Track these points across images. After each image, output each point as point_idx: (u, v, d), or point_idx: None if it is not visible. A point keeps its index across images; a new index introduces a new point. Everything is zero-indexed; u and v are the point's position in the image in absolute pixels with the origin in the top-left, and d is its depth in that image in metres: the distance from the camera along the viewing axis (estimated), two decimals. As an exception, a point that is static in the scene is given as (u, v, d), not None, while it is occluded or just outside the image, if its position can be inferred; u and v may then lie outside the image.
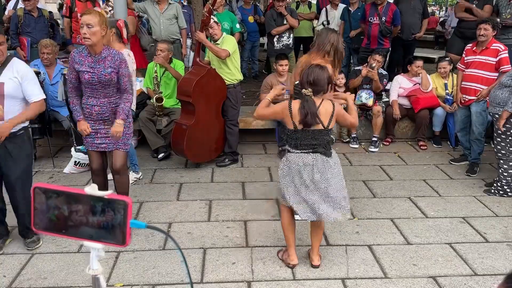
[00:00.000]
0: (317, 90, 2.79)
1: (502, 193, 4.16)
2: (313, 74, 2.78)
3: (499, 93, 4.04)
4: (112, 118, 3.27)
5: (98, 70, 3.12)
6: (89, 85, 3.18)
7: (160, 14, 5.94)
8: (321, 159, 2.81)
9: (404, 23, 6.30)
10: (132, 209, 1.09)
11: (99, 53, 3.13)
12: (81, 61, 3.14)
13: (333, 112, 2.81)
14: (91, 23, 3.01)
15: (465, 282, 2.90)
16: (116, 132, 3.24)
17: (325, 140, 2.83)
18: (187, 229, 3.53)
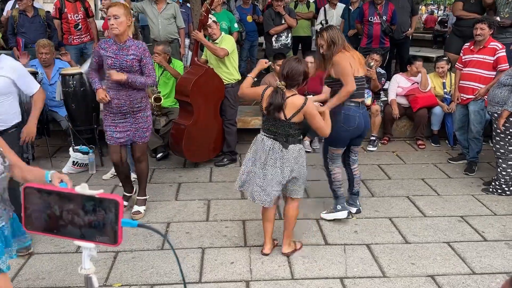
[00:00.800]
0: (291, 84, 2.89)
1: (500, 192, 4.17)
2: (289, 67, 2.86)
3: (498, 92, 4.05)
4: (131, 112, 3.45)
5: (120, 57, 3.33)
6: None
7: (158, 14, 5.94)
8: (278, 147, 2.94)
9: None
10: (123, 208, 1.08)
11: (123, 42, 3.34)
12: (106, 48, 3.37)
13: (301, 107, 2.86)
14: (118, 14, 3.23)
15: (463, 281, 2.90)
16: (111, 74, 3.29)
17: (285, 131, 2.92)
18: (186, 229, 3.53)
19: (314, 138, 5.41)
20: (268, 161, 2.95)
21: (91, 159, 4.62)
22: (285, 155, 2.93)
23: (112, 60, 3.33)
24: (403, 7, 6.41)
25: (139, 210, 3.73)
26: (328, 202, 3.97)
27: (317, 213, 3.77)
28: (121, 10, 3.25)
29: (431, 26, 14.74)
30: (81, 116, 4.74)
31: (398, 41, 6.55)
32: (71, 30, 6.32)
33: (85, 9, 6.42)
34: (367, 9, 6.25)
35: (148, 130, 3.63)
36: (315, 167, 4.79)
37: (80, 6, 6.34)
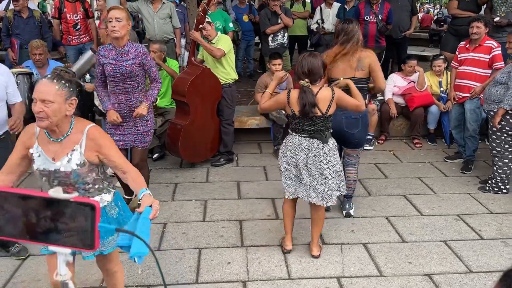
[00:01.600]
0: (314, 79, 2.88)
1: (496, 190, 4.17)
2: (308, 63, 2.85)
3: (494, 90, 4.05)
4: (130, 115, 3.43)
5: (120, 62, 3.29)
6: (111, 78, 3.33)
7: (154, 14, 5.92)
8: (317, 144, 2.91)
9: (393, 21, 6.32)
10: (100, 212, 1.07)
11: (122, 47, 3.30)
12: (105, 54, 3.32)
13: (332, 98, 2.88)
14: (120, 17, 3.20)
15: (460, 280, 2.91)
16: (138, 114, 3.39)
17: (323, 126, 2.92)
18: (182, 229, 3.52)
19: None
20: (309, 159, 2.92)
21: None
22: (326, 149, 2.93)
23: (112, 67, 3.30)
24: (402, 7, 6.41)
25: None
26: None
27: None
28: (123, 14, 3.24)
29: (427, 25, 14.77)
30: (76, 115, 4.71)
31: (396, 40, 6.56)
32: (70, 30, 6.31)
33: (84, 9, 6.40)
34: (363, 8, 6.25)
35: (149, 135, 3.57)
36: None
37: (79, 7, 6.32)
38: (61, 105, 1.93)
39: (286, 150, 3.02)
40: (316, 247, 3.15)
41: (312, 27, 7.40)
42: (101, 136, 2.07)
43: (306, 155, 2.92)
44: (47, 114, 1.90)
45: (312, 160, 2.91)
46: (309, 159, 2.92)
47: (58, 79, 1.94)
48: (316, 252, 3.13)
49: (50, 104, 1.90)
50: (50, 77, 1.94)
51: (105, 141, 2.08)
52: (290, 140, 2.99)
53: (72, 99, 1.98)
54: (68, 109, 1.97)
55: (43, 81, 1.94)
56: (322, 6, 7.26)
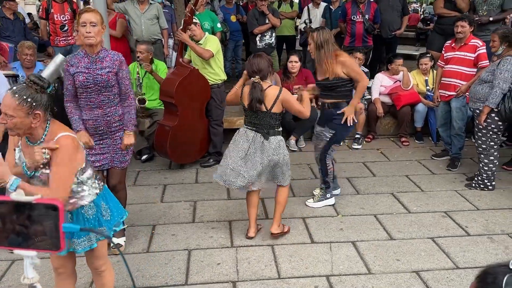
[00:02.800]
0: (264, 75, 3.15)
1: (483, 187, 4.23)
2: (255, 63, 3.14)
3: (479, 89, 4.11)
4: (108, 132, 3.03)
5: (94, 71, 2.90)
6: (84, 89, 2.91)
7: (141, 14, 5.89)
8: (259, 139, 3.18)
9: (383, 21, 6.39)
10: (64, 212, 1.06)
11: (96, 54, 2.93)
12: (76, 63, 2.93)
13: (277, 97, 3.13)
14: (95, 21, 2.84)
15: (447, 276, 2.94)
16: (127, 145, 3.07)
17: (266, 122, 3.17)
18: (172, 231, 3.51)
19: (300, 137, 5.43)
20: (249, 150, 3.19)
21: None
22: (266, 145, 3.17)
23: (85, 76, 2.89)
24: (393, 6, 6.46)
25: (120, 242, 3.23)
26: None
27: (303, 212, 3.79)
28: (98, 17, 2.87)
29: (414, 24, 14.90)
30: (64, 119, 4.64)
31: (387, 39, 6.61)
32: (57, 31, 6.25)
33: (72, 10, 6.34)
34: (349, 8, 6.30)
35: (129, 154, 3.17)
36: (300, 166, 4.82)
37: (67, 7, 6.27)
38: (23, 119, 1.93)
39: (235, 139, 3.30)
40: (275, 224, 3.35)
41: (300, 27, 7.43)
42: (62, 147, 1.99)
43: (248, 146, 3.19)
44: (11, 125, 1.93)
45: (252, 152, 3.18)
46: (250, 151, 3.19)
47: (20, 93, 1.92)
48: (275, 230, 3.34)
49: (11, 118, 1.91)
50: (13, 91, 1.93)
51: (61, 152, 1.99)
52: (240, 131, 3.30)
53: (36, 113, 1.94)
54: (33, 122, 1.95)
55: (7, 93, 1.93)
56: (310, 6, 7.30)
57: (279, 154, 3.20)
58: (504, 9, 5.56)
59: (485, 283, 0.97)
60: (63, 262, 2.29)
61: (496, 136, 4.11)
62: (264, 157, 3.17)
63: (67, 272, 2.33)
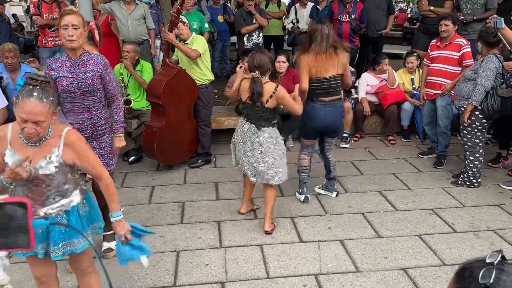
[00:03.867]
0: (263, 71, 3.32)
1: (468, 184, 4.29)
2: (257, 59, 3.33)
3: (464, 87, 4.16)
4: (94, 136, 2.96)
5: (77, 75, 2.81)
6: (68, 93, 2.83)
7: (127, 15, 5.85)
8: (254, 130, 3.35)
9: (369, 20, 6.44)
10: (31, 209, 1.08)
11: (79, 57, 2.83)
12: (58, 67, 2.82)
13: (273, 93, 3.28)
14: (77, 24, 2.73)
15: (434, 273, 2.98)
16: (119, 148, 3.12)
17: (259, 115, 3.33)
18: (160, 232, 3.49)
19: (288, 137, 5.44)
20: (246, 141, 3.39)
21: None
22: (260, 136, 3.33)
23: (68, 81, 2.80)
24: (379, 5, 6.51)
25: (110, 247, 3.19)
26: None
27: (291, 211, 3.80)
28: (80, 19, 2.77)
29: (401, 24, 15.03)
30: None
31: (373, 39, 6.65)
32: (45, 31, 6.19)
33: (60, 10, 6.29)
34: (336, 7, 6.33)
35: (115, 157, 3.14)
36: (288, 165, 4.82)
37: (55, 7, 6.22)
38: (50, 119, 1.98)
39: (236, 131, 3.53)
40: (267, 222, 3.46)
41: (288, 27, 7.45)
42: (77, 141, 2.10)
43: (245, 137, 3.40)
44: (38, 132, 1.94)
45: (249, 143, 3.38)
46: (246, 141, 3.39)
47: (45, 97, 1.92)
48: (267, 227, 3.45)
49: (42, 123, 1.93)
50: (38, 96, 1.89)
51: (80, 146, 2.10)
52: (239, 121, 3.51)
53: (57, 110, 2.01)
54: (53, 119, 2.00)
55: (32, 102, 1.88)
56: (297, 6, 7.33)
57: (274, 144, 3.36)
58: (488, 8, 5.64)
59: (462, 278, 1.00)
60: (44, 271, 2.24)
61: (481, 134, 4.16)
62: (263, 149, 3.34)
63: (50, 279, 2.29)
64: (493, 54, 4.03)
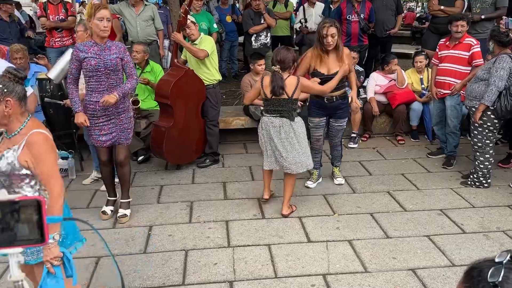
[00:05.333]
0: (284, 67, 3.51)
1: (478, 185, 4.25)
2: (280, 54, 3.52)
3: (476, 87, 4.13)
4: (115, 113, 3.45)
5: (104, 56, 3.33)
6: (94, 72, 3.32)
7: (136, 16, 5.89)
8: (286, 121, 3.53)
9: (377, 20, 6.41)
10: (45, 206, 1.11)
11: (104, 43, 3.37)
12: (85, 50, 3.33)
13: (297, 84, 3.49)
14: (110, 17, 3.32)
15: (443, 273, 2.96)
16: (105, 101, 3.31)
17: (289, 107, 3.52)
18: (168, 231, 3.51)
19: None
20: (281, 134, 3.55)
21: (70, 164, 4.56)
22: (294, 126, 3.54)
23: (96, 61, 3.32)
24: (387, 5, 6.49)
25: (125, 213, 3.69)
26: (311, 200, 4.01)
27: (299, 211, 3.81)
28: (109, 13, 3.34)
29: (410, 23, 14.96)
30: (59, 121, 4.67)
31: (381, 39, 6.63)
32: (52, 32, 6.26)
33: (66, 11, 6.36)
34: (345, 7, 6.31)
35: (132, 131, 3.64)
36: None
37: (61, 8, 6.28)
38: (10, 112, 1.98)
39: (261, 129, 3.66)
40: (286, 206, 3.70)
41: (296, 27, 7.44)
42: (39, 142, 2.01)
43: (279, 132, 3.54)
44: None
45: (285, 135, 3.54)
46: (282, 135, 3.54)
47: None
48: (285, 211, 3.69)
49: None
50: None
51: (40, 149, 2.01)
52: (264, 120, 3.62)
53: (7, 99, 1.98)
54: (5, 110, 1.99)
55: None
56: (305, 5, 7.33)
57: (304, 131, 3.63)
58: (498, 7, 5.58)
59: (471, 277, 1.00)
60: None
61: (492, 134, 4.13)
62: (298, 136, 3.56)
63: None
64: (506, 54, 4.00)
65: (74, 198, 4.13)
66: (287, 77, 3.50)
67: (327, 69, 3.89)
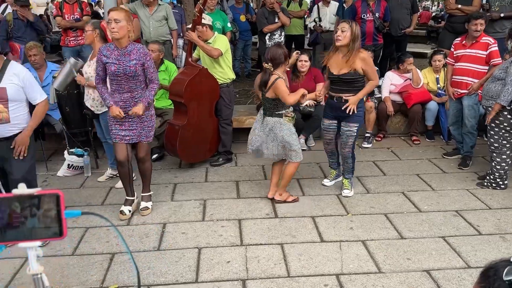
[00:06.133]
0: (276, 64, 3.62)
1: (495, 186, 4.19)
2: (271, 52, 3.65)
3: (492, 86, 4.06)
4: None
5: (123, 62, 3.36)
6: (115, 77, 3.42)
7: (149, 16, 5.93)
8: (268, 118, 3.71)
9: (392, 19, 6.36)
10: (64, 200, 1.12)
11: (125, 47, 3.38)
12: (108, 54, 3.39)
13: (272, 83, 3.60)
14: (118, 18, 3.27)
15: (458, 275, 2.92)
16: (134, 112, 3.43)
17: (266, 103, 3.71)
18: (182, 229, 3.53)
19: (309, 137, 5.42)
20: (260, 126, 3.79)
21: (86, 161, 4.62)
22: (266, 123, 3.72)
23: (116, 66, 3.37)
24: (402, 4, 6.43)
25: (147, 206, 3.78)
26: (325, 200, 4.00)
27: (312, 211, 3.79)
28: (121, 15, 3.30)
29: (425, 22, 14.79)
30: (75, 118, 4.73)
31: (396, 38, 6.57)
32: (67, 31, 6.34)
33: (81, 10, 6.43)
34: (359, 6, 6.27)
35: (153, 129, 3.69)
36: (309, 164, 4.81)
37: (77, 7, 6.36)
38: None
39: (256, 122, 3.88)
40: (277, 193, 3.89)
41: (310, 26, 7.42)
42: None
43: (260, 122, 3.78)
44: None
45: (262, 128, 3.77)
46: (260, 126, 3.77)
47: None
48: (271, 195, 3.94)
49: None
50: None
51: None
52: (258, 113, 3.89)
53: None
54: None
55: None
56: (320, 4, 7.30)
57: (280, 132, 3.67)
58: (517, 5, 5.50)
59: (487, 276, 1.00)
60: None
61: (509, 134, 4.06)
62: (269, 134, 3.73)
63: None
64: (524, 53, 3.93)
65: (89, 195, 4.19)
66: (272, 75, 3.60)
67: (338, 69, 3.79)
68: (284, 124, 3.70)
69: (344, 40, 3.69)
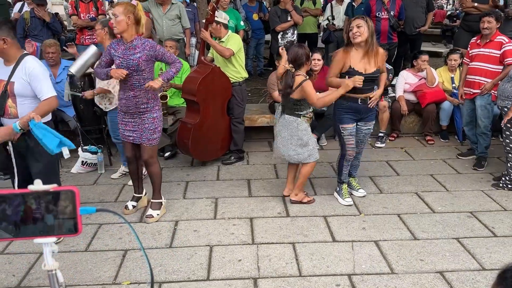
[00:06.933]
0: (298, 65, 3.60)
1: (510, 187, 4.12)
2: (292, 53, 3.60)
3: (508, 86, 4.00)
4: (137, 112, 3.46)
5: (127, 56, 3.35)
6: None
7: (163, 15, 5.95)
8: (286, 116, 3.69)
9: (407, 17, 6.29)
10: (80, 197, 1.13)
11: (130, 42, 3.36)
12: (116, 48, 3.42)
13: (298, 85, 3.55)
14: (116, 13, 3.28)
15: (473, 277, 2.88)
16: (149, 85, 3.36)
17: (289, 103, 3.66)
18: (194, 227, 3.55)
19: (321, 136, 5.40)
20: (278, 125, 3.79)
21: (100, 158, 4.66)
22: (284, 121, 3.70)
23: (120, 60, 3.37)
24: (417, 2, 6.36)
25: (152, 214, 3.64)
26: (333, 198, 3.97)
27: (324, 210, 3.78)
28: (120, 9, 3.27)
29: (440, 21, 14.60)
30: (89, 116, 4.79)
31: (411, 36, 6.50)
32: (83, 30, 6.41)
33: (97, 9, 6.49)
34: (374, 4, 6.21)
35: (156, 132, 3.54)
36: (322, 164, 4.79)
37: (92, 6, 6.42)
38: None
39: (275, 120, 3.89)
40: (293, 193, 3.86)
41: (323, 24, 7.38)
42: None
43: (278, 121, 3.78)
44: None
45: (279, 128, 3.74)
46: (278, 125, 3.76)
47: None
48: (287, 193, 3.95)
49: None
50: None
51: None
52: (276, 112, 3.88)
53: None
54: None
55: None
56: (333, 3, 7.26)
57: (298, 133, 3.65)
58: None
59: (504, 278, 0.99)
60: None
61: (525, 135, 3.99)
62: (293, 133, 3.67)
63: None
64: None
65: (102, 192, 4.23)
66: (297, 75, 3.58)
67: (363, 68, 3.60)
68: (301, 124, 3.68)
69: (363, 36, 3.52)
